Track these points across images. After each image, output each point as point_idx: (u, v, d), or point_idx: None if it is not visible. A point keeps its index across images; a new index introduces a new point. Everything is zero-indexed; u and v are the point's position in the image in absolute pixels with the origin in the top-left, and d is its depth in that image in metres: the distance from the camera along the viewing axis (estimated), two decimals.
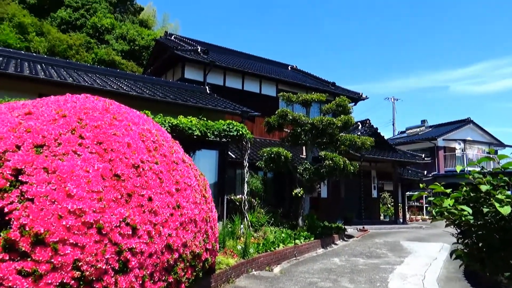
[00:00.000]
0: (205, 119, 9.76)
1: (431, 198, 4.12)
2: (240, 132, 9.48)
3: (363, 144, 12.30)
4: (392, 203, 20.98)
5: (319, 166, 11.65)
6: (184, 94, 12.36)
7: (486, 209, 3.49)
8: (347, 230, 14.06)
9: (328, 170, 11.25)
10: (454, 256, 3.95)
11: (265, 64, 23.20)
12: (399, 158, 19.11)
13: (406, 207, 22.62)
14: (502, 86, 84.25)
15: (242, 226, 9.09)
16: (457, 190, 3.96)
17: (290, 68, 25.32)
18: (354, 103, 21.90)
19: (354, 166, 11.83)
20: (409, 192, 23.35)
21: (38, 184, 3.60)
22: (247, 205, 9.61)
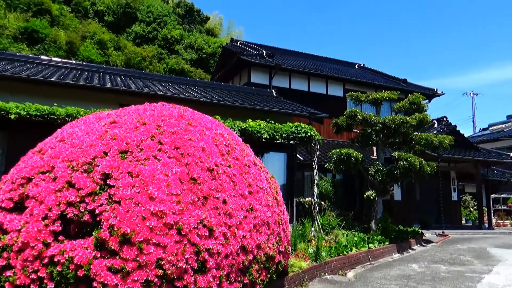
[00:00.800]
0: (272, 122, 9.81)
1: None
2: (309, 134, 9.38)
3: (440, 143, 11.51)
4: (475, 207, 19.34)
5: (392, 167, 11.12)
6: (251, 98, 12.56)
7: None
8: (424, 234, 13.23)
9: (403, 172, 10.69)
10: None
11: (331, 64, 22.77)
12: (482, 157, 17.56)
13: (492, 211, 20.70)
14: None
15: (313, 229, 8.97)
16: None
17: (357, 67, 24.58)
18: (429, 100, 20.60)
19: (431, 167, 11.11)
20: (494, 195, 21.35)
21: (123, 187, 3.86)
22: (317, 207, 9.46)
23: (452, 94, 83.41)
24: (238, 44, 22.24)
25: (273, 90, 15.15)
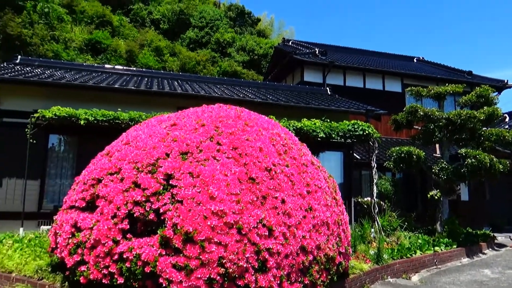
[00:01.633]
0: (328, 120, 9.62)
1: None
2: (366, 132, 9.08)
3: None
4: None
5: (458, 165, 10.42)
6: (305, 97, 12.42)
7: None
8: (496, 238, 12.24)
9: (471, 170, 9.96)
10: None
11: (387, 59, 21.90)
12: None
13: None
14: None
15: (373, 230, 8.65)
16: None
17: (416, 60, 23.41)
18: (498, 93, 19.06)
19: (503, 165, 10.24)
20: None
21: (185, 187, 3.97)
22: (376, 208, 9.12)
23: None
24: (290, 43, 22.13)
25: (327, 88, 14.88)
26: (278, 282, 3.91)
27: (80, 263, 3.95)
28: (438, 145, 13.28)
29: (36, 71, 10.10)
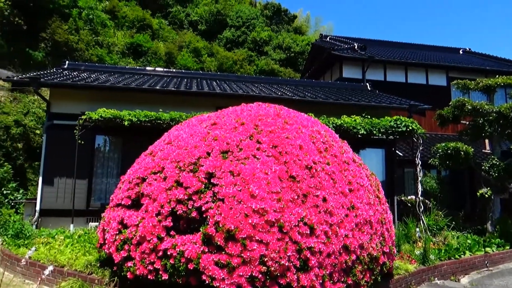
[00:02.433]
0: (368, 116, 9.37)
1: None
2: (410, 128, 8.75)
3: None
4: None
5: (511, 162, 9.82)
6: (345, 93, 12.17)
7: None
8: None
9: None
10: None
11: (431, 51, 21.01)
12: None
13: None
14: None
15: (418, 229, 8.33)
16: None
17: (462, 52, 22.28)
18: None
19: None
20: None
21: (226, 186, 4.00)
22: (421, 206, 8.77)
23: None
24: (328, 39, 21.77)
25: (367, 84, 14.50)
26: (321, 281, 3.85)
27: (127, 259, 4.09)
28: (487, 140, 12.59)
29: (83, 75, 10.59)
